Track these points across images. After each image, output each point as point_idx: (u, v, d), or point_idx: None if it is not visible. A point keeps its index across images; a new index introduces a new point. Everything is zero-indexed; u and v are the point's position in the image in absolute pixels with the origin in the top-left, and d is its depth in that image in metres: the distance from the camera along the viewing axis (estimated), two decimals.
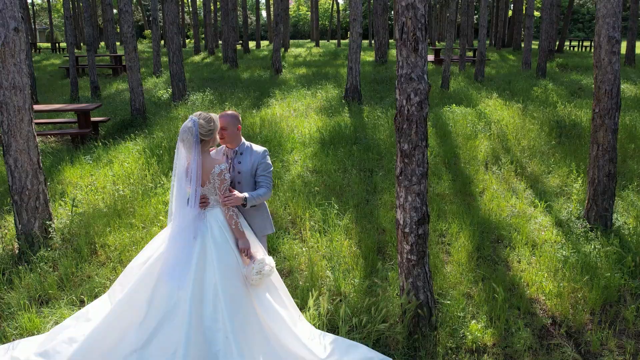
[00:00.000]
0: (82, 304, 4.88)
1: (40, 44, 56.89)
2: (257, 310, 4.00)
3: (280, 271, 5.47)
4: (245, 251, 4.00)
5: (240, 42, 39.13)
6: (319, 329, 4.39)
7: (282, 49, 37.99)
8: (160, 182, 7.60)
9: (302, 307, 4.58)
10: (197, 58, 33.50)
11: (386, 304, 4.53)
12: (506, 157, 8.78)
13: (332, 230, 6.17)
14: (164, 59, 30.90)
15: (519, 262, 5.61)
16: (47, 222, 6.06)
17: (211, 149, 4.29)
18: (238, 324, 3.83)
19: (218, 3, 37.04)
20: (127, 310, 3.93)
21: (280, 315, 4.05)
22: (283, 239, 6.07)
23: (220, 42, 39.36)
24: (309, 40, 63.51)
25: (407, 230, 4.35)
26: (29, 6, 55.81)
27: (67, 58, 24.23)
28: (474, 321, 4.53)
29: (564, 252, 5.62)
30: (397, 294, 4.70)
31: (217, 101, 14.33)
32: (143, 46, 52.35)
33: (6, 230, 6.44)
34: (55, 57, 35.00)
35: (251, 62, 27.49)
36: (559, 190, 7.56)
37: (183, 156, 3.95)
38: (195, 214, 4.01)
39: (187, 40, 54.25)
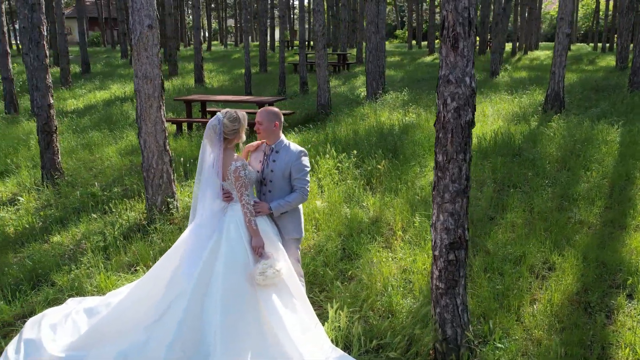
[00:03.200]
0: None
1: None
2: (261, 311, 3.92)
3: (350, 277, 5.23)
4: (257, 249, 3.94)
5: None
6: (337, 343, 4.13)
7: (521, 52, 35.84)
8: None
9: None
10: (428, 59, 33.37)
11: (410, 331, 4.05)
12: None
13: (423, 243, 5.70)
14: (393, 58, 31.55)
15: (628, 316, 4.52)
16: (168, 199, 6.70)
17: (253, 145, 4.31)
18: (230, 321, 3.81)
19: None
20: (151, 286, 4.18)
21: (283, 319, 3.91)
22: (372, 244, 5.80)
23: None
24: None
25: (436, 253, 3.84)
26: (295, 6, 61.42)
27: (312, 54, 26.13)
28: None
29: None
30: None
31: (409, 101, 14.18)
32: (391, 46, 53.76)
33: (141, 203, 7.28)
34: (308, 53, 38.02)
35: (481, 64, 26.45)
36: None
37: (208, 152, 4.04)
38: (220, 207, 4.09)
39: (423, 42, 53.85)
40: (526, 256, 5.40)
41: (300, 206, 4.32)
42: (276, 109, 4.24)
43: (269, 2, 40.79)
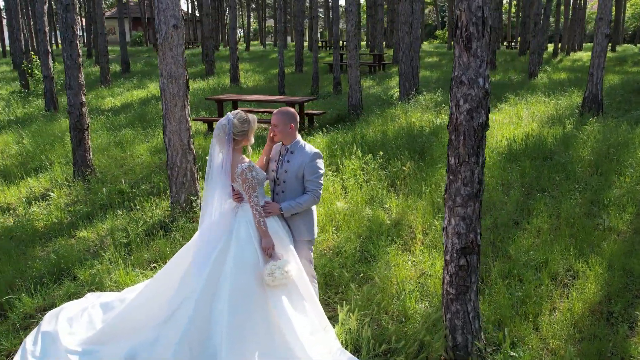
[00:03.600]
0: None
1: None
2: (270, 311, 3.91)
3: (366, 279, 5.18)
4: (266, 250, 3.93)
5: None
6: (347, 345, 4.09)
7: (563, 53, 34.99)
8: None
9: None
10: None
11: (420, 336, 3.98)
12: None
13: (443, 247, 5.59)
14: (431, 59, 31.20)
15: None
16: (192, 197, 6.77)
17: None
18: (238, 321, 3.81)
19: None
20: (163, 285, 4.22)
21: (292, 320, 3.89)
22: (391, 247, 5.73)
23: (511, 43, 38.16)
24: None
25: (447, 257, 3.77)
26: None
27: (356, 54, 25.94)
28: None
29: None
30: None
31: (443, 102, 14.00)
32: (431, 46, 53.22)
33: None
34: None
35: (512, 64, 25.96)
36: None
37: (217, 152, 4.05)
38: (231, 208, 4.10)
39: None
40: (549, 263, 5.25)
41: (314, 208, 4.27)
42: (292, 110, 4.21)
43: (307, 2, 40.91)
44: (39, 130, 11.71)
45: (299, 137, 4.20)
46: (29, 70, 17.88)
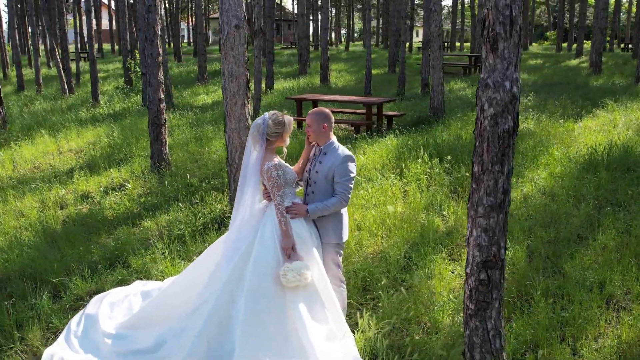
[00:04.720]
0: None
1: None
2: (287, 312, 3.90)
3: (407, 287, 5.03)
4: (285, 250, 3.92)
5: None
6: (366, 353, 4.00)
7: None
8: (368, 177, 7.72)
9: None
10: (573, 62, 31.08)
11: (439, 351, 3.80)
12: None
13: None
14: (534, 61, 29.81)
15: None
16: None
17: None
18: (254, 318, 3.84)
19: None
20: (195, 277, 4.34)
21: (308, 324, 3.86)
22: (438, 255, 5.54)
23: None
24: None
25: (468, 270, 3.57)
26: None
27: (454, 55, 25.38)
28: None
29: None
30: None
31: (533, 106, 13.33)
32: (540, 48, 50.88)
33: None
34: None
35: (622, 68, 24.19)
36: None
37: (252, 150, 4.09)
38: (261, 207, 4.15)
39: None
40: (605, 284, 4.84)
41: (344, 211, 4.20)
42: (325, 111, 4.17)
43: (409, 3, 40.40)
44: (129, 124, 12.43)
45: (333, 138, 4.16)
46: (132, 67, 19.03)
